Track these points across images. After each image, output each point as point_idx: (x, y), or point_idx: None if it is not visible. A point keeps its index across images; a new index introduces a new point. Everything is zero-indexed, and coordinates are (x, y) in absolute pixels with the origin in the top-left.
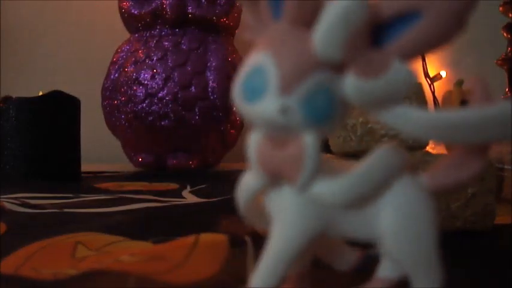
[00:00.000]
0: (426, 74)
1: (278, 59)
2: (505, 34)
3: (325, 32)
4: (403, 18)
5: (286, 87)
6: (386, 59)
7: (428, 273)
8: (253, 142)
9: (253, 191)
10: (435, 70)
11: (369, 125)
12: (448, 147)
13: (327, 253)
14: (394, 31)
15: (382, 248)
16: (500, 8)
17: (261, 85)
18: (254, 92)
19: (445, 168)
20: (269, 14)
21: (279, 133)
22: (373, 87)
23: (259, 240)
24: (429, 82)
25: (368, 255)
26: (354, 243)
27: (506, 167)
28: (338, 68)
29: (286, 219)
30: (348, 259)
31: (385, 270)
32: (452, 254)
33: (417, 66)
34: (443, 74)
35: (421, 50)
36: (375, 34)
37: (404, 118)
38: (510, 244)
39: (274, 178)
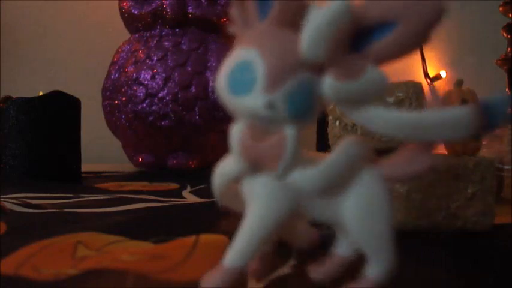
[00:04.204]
0: (426, 74)
1: (266, 57)
2: (505, 34)
3: (312, 34)
4: (379, 26)
5: (272, 85)
6: (363, 63)
7: (383, 253)
8: (236, 132)
9: (231, 176)
10: (435, 70)
11: None
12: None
13: (289, 234)
14: (370, 37)
15: (345, 230)
16: (500, 8)
17: (249, 80)
18: (241, 86)
19: (399, 162)
20: (255, 14)
21: (263, 125)
22: (349, 88)
23: None
24: (429, 82)
25: (326, 234)
26: (314, 224)
27: (506, 167)
28: (317, 68)
29: (261, 201)
30: (308, 238)
31: (340, 248)
32: (452, 254)
33: (417, 66)
34: (443, 74)
35: (393, 56)
36: (352, 39)
37: (375, 118)
38: (510, 244)
39: (254, 166)
